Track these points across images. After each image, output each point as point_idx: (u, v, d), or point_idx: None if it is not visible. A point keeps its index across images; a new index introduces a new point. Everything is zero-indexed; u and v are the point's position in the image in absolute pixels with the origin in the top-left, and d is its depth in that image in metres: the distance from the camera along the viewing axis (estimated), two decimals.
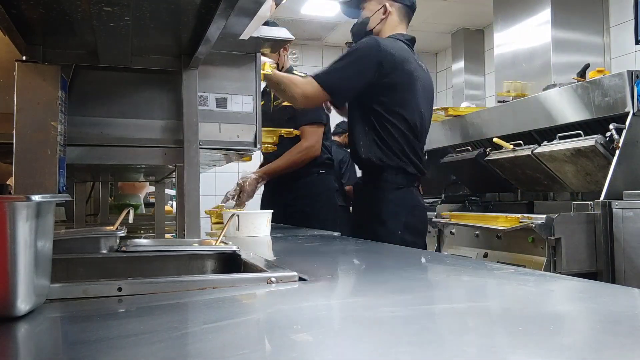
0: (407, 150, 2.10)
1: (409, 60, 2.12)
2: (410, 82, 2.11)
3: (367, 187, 2.18)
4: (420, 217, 2.15)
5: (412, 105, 2.12)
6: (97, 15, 1.13)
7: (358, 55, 2.07)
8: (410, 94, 2.11)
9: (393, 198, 2.07)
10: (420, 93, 2.14)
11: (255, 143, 1.66)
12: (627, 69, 2.71)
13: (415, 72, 2.14)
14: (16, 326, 0.60)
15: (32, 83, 1.27)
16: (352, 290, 0.86)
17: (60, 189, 1.30)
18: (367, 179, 2.19)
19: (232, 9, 1.10)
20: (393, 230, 2.01)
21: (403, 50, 2.13)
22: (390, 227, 2.02)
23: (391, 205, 2.06)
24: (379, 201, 2.08)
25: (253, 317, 0.68)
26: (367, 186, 2.18)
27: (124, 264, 1.10)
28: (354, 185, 2.35)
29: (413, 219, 2.09)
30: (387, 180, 2.09)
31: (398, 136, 2.09)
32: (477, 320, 0.60)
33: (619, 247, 2.43)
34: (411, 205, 2.10)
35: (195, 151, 1.50)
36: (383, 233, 1.96)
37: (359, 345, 0.54)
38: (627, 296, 0.77)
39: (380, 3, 2.27)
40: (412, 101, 2.12)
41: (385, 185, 2.09)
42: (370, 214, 2.09)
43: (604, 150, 2.71)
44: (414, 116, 2.11)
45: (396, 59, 2.06)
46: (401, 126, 2.09)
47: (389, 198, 2.07)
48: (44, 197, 0.63)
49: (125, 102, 1.54)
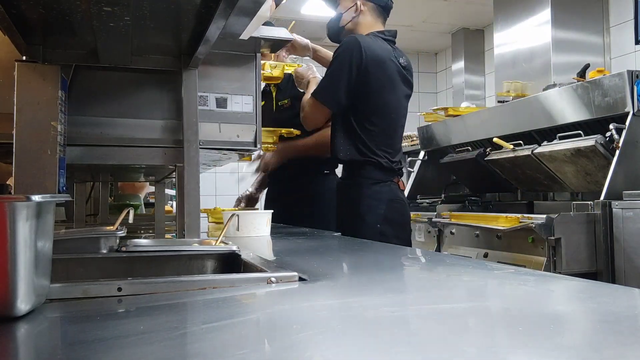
0: (383, 147, 2.15)
1: (388, 58, 2.16)
2: (388, 80, 2.15)
3: (346, 184, 2.25)
4: (400, 210, 2.18)
5: (390, 104, 2.17)
6: (97, 15, 1.13)
7: (341, 58, 2.11)
8: (387, 93, 2.16)
9: (370, 193, 2.11)
10: (399, 91, 2.19)
11: (255, 143, 1.66)
12: (627, 69, 2.71)
13: (394, 70, 2.18)
14: (16, 326, 0.60)
15: (32, 83, 1.27)
16: (352, 290, 0.86)
17: (60, 189, 1.30)
18: (346, 175, 2.26)
19: (232, 9, 1.10)
20: (371, 224, 2.05)
21: (382, 49, 2.17)
22: (368, 221, 2.06)
23: (368, 200, 2.10)
24: (358, 196, 2.12)
25: (253, 317, 0.68)
26: (346, 182, 2.25)
27: (124, 264, 1.10)
28: (337, 184, 2.40)
29: (391, 212, 2.12)
30: (364, 176, 2.14)
31: (375, 134, 2.13)
32: (477, 320, 0.60)
33: (619, 247, 2.43)
34: (388, 199, 2.12)
35: (195, 151, 1.50)
36: (362, 227, 2.01)
37: (359, 345, 0.54)
38: (627, 296, 0.77)
39: (353, 0, 2.31)
40: (390, 100, 2.17)
41: (362, 181, 2.13)
42: (350, 210, 2.14)
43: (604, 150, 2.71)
44: (390, 113, 2.17)
45: (376, 58, 2.11)
46: (379, 124, 2.14)
47: (367, 193, 2.11)
48: (44, 197, 0.63)
49: (125, 102, 1.54)
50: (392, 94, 2.18)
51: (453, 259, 1.09)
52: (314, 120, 2.23)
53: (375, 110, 2.14)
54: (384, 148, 2.15)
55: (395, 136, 2.23)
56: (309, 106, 2.19)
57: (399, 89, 2.21)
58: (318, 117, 2.22)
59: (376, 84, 2.12)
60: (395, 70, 2.18)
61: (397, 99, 2.21)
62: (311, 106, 2.18)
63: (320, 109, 2.17)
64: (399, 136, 2.26)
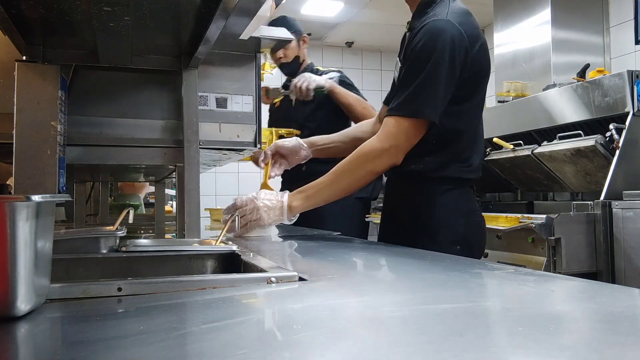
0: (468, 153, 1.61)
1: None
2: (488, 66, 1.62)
3: (406, 185, 1.65)
4: (480, 225, 1.67)
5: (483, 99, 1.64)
6: (97, 15, 1.13)
7: (437, 55, 1.47)
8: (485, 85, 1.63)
9: (445, 201, 1.57)
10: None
11: (255, 143, 1.67)
12: (627, 69, 2.71)
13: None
14: (16, 326, 0.60)
15: (32, 83, 1.27)
16: (352, 290, 0.86)
17: (60, 189, 1.30)
18: (405, 171, 1.60)
19: (232, 9, 1.10)
20: (446, 245, 1.52)
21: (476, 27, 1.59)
22: (442, 240, 1.54)
23: (443, 211, 1.57)
24: (427, 205, 1.58)
25: (253, 317, 0.68)
26: (407, 183, 1.64)
27: (124, 264, 1.10)
28: (387, 180, 1.81)
29: (471, 228, 1.62)
30: (436, 177, 1.58)
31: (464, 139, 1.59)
32: (477, 320, 0.60)
33: (619, 247, 2.43)
34: (467, 210, 1.61)
35: (195, 151, 1.50)
36: (432, 247, 1.41)
37: (359, 345, 0.54)
38: (627, 296, 0.77)
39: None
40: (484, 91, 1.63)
41: (434, 187, 1.58)
42: (413, 222, 1.60)
43: (604, 150, 2.72)
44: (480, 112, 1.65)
45: (480, 42, 1.57)
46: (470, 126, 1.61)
47: (440, 201, 1.57)
48: (44, 197, 0.63)
49: (125, 102, 1.54)
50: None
51: (453, 259, 1.09)
52: (409, 143, 1.52)
53: (470, 109, 1.59)
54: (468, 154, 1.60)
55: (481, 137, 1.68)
56: (400, 130, 1.50)
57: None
58: (414, 138, 1.51)
59: (479, 76, 1.58)
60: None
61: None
62: (404, 128, 1.50)
63: (418, 128, 1.50)
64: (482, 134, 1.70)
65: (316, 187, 1.56)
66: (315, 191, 1.56)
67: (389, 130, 1.52)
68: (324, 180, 1.56)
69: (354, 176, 1.55)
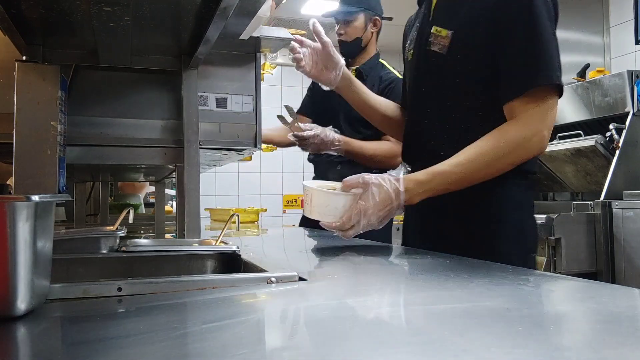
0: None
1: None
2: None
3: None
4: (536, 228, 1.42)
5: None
6: (97, 15, 1.13)
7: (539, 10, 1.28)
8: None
9: (520, 202, 1.33)
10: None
11: (255, 143, 1.67)
12: (627, 69, 2.71)
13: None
14: (16, 326, 0.60)
15: (32, 83, 1.27)
16: (352, 290, 0.86)
17: (60, 189, 1.30)
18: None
19: (232, 9, 1.10)
20: (519, 254, 1.28)
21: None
22: (514, 251, 1.27)
23: (518, 214, 1.32)
24: (496, 205, 1.31)
25: (253, 317, 0.68)
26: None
27: (124, 264, 1.10)
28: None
29: (535, 232, 1.39)
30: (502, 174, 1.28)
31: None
32: (477, 320, 0.60)
33: (619, 247, 2.43)
34: (532, 212, 1.39)
35: (195, 151, 1.50)
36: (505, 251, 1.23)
37: (359, 345, 0.54)
38: (627, 296, 0.77)
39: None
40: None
41: (504, 188, 1.30)
42: (479, 224, 1.31)
43: (604, 150, 2.72)
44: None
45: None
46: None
47: (513, 203, 1.31)
48: (44, 197, 0.63)
49: (125, 102, 1.54)
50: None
51: (453, 259, 1.09)
52: (553, 120, 1.25)
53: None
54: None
55: None
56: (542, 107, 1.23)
57: None
58: (553, 116, 1.25)
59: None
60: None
61: None
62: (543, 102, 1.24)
63: (553, 101, 1.26)
64: None
65: (441, 176, 1.23)
66: (438, 182, 1.24)
67: (529, 112, 1.22)
68: (453, 171, 1.23)
69: (490, 170, 1.24)
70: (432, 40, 1.36)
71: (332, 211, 1.23)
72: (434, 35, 1.36)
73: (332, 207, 1.23)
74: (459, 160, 1.23)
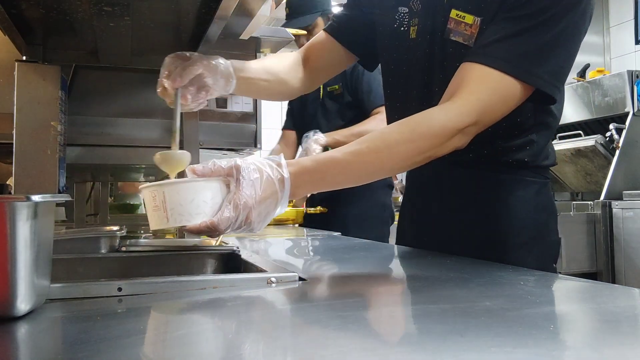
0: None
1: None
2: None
3: (472, 172, 1.15)
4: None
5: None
6: (97, 15, 1.13)
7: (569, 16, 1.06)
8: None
9: (540, 200, 1.17)
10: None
11: (255, 143, 1.67)
12: (627, 69, 2.72)
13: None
14: (16, 326, 0.60)
15: (32, 83, 1.27)
16: (352, 290, 0.86)
17: (60, 189, 1.30)
18: (473, 157, 1.12)
19: (232, 9, 1.10)
20: (541, 258, 1.15)
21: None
22: (536, 253, 1.15)
23: (539, 216, 1.17)
24: (514, 199, 1.14)
25: (253, 317, 0.68)
26: (472, 170, 1.15)
27: (124, 264, 1.10)
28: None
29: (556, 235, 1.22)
30: (516, 166, 1.14)
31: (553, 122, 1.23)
32: (477, 320, 0.60)
33: (619, 247, 2.43)
34: (553, 210, 1.22)
35: (195, 151, 1.50)
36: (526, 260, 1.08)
37: (359, 345, 0.54)
38: (627, 296, 0.77)
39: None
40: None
41: (515, 176, 1.15)
42: (493, 222, 1.15)
43: (604, 150, 2.72)
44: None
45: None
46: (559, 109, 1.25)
47: (532, 202, 1.16)
48: (44, 197, 0.63)
49: (125, 102, 1.54)
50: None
51: (453, 259, 1.09)
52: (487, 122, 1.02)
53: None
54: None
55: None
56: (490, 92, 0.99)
57: None
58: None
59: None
60: None
61: None
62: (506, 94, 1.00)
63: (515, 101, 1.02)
64: None
65: (333, 164, 0.95)
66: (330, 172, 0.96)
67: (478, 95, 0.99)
68: (352, 160, 0.95)
69: (409, 161, 1.00)
70: (452, 28, 1.09)
71: (199, 207, 0.86)
72: (454, 22, 1.09)
73: (200, 201, 0.86)
74: (359, 148, 0.96)
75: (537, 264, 1.08)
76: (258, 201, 0.87)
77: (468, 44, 1.08)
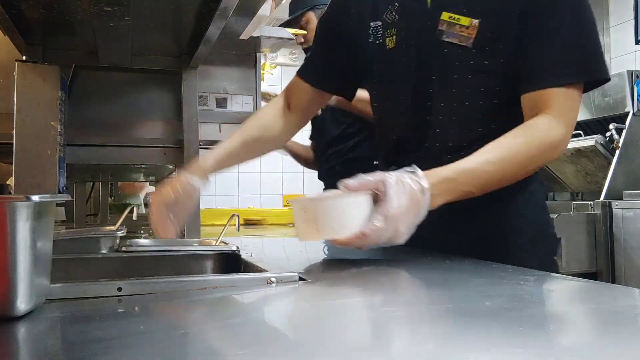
0: None
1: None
2: None
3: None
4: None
5: None
6: (97, 15, 1.13)
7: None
8: None
9: (539, 199, 1.22)
10: None
11: None
12: (627, 69, 2.71)
13: None
14: (16, 326, 0.60)
15: (32, 83, 1.27)
16: (352, 290, 0.86)
17: (60, 189, 1.30)
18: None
19: (232, 9, 1.10)
20: (542, 254, 1.17)
21: None
22: (539, 252, 1.17)
23: (541, 215, 1.21)
24: (520, 198, 1.17)
25: (253, 317, 0.68)
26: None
27: (124, 264, 1.10)
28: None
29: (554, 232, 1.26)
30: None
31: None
32: (476, 320, 0.60)
33: (619, 247, 2.43)
34: (548, 209, 1.26)
35: (195, 151, 1.50)
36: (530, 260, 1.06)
37: (359, 345, 0.54)
38: (627, 296, 0.77)
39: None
40: None
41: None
42: (493, 221, 1.18)
43: (604, 150, 2.72)
44: None
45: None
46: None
47: (534, 203, 1.20)
48: (44, 197, 0.63)
49: (125, 102, 1.54)
50: None
51: (453, 259, 1.09)
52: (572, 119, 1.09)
53: None
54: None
55: None
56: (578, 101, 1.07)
57: None
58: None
59: None
60: None
61: None
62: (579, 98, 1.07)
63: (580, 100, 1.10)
64: None
65: (468, 174, 1.01)
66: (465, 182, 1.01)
67: (566, 108, 1.05)
68: (483, 169, 1.02)
69: (521, 171, 1.07)
70: (445, 30, 1.11)
71: (349, 221, 0.92)
72: (446, 24, 1.11)
73: (349, 215, 0.92)
74: (488, 158, 1.02)
75: (541, 261, 1.12)
76: (404, 212, 0.92)
77: (466, 45, 1.10)
